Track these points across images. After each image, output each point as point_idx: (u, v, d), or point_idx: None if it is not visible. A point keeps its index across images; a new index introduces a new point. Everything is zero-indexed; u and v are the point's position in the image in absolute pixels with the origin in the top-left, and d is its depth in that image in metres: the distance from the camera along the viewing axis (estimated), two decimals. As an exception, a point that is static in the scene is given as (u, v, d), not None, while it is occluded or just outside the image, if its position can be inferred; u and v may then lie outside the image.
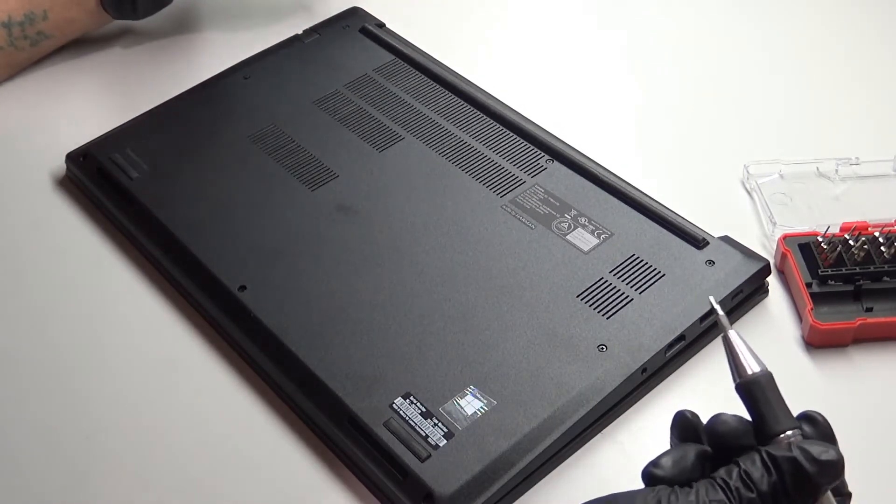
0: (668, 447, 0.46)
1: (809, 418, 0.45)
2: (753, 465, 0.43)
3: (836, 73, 0.85)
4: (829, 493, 0.44)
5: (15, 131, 0.82)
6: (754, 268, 0.65)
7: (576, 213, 0.69)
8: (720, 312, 0.48)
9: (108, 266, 0.71)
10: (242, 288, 0.65)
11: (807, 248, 0.67)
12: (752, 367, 0.46)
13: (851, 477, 0.58)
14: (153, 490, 0.59)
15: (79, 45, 0.87)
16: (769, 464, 0.43)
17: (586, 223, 0.68)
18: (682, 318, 0.62)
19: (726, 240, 0.67)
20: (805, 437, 0.45)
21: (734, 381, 0.46)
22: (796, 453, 0.43)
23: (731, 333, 0.46)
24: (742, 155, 0.76)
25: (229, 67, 0.83)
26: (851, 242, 0.66)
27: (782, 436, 0.44)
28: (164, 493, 0.58)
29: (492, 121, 0.76)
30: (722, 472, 0.43)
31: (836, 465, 0.43)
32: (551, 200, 0.70)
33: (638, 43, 0.89)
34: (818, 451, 0.43)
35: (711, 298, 0.50)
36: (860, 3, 0.91)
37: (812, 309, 0.64)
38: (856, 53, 0.86)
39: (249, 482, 0.59)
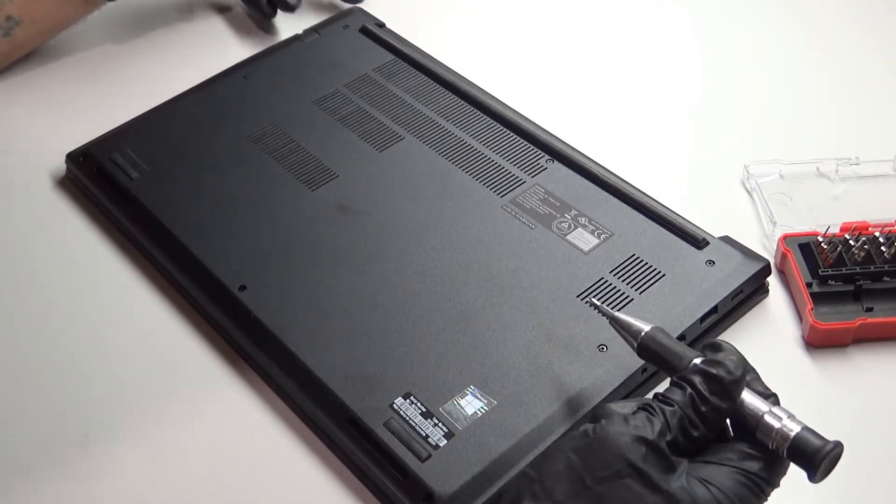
0: None
1: (712, 345, 0.50)
2: (669, 390, 0.49)
3: (836, 73, 0.85)
4: (753, 392, 0.49)
5: (15, 131, 0.82)
6: (754, 268, 0.65)
7: (576, 213, 0.69)
8: (598, 303, 0.57)
9: (108, 266, 0.71)
10: (242, 288, 0.65)
11: (807, 248, 0.67)
12: (641, 327, 0.53)
13: (852, 476, 0.58)
14: (153, 490, 0.59)
15: (78, 45, 0.87)
16: (680, 383, 0.48)
17: (586, 223, 0.68)
18: (683, 318, 0.62)
19: (726, 240, 0.67)
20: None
21: (633, 348, 0.53)
22: (701, 366, 0.48)
23: (616, 313, 0.54)
24: (742, 155, 0.76)
25: (229, 67, 0.83)
26: (851, 242, 0.66)
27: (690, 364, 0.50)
28: (164, 492, 0.58)
29: (492, 121, 0.76)
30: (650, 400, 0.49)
31: (736, 361, 0.48)
32: (551, 200, 0.70)
33: (638, 43, 0.89)
34: (720, 356, 0.48)
35: (593, 299, 0.59)
36: (860, 3, 0.91)
37: (812, 309, 0.64)
38: (856, 53, 0.86)
39: (249, 482, 0.59)
